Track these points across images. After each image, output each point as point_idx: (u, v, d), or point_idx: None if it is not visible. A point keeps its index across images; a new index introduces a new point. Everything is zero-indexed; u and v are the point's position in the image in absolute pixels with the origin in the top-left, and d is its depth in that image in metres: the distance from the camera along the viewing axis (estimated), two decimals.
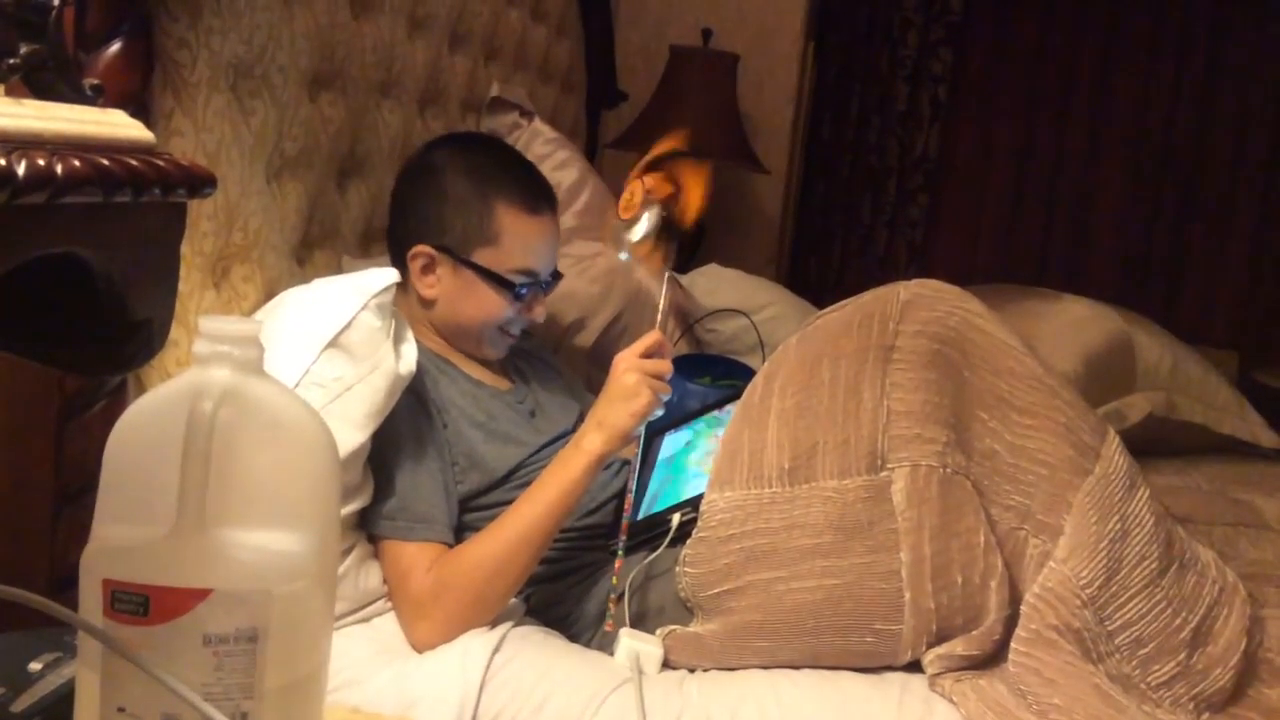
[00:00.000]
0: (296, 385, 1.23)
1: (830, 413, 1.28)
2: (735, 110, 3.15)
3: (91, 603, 0.68)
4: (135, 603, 0.67)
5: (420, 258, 1.47)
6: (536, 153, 2.13)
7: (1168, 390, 2.34)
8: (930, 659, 1.23)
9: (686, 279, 2.53)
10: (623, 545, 1.35)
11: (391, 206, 1.55)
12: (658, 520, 1.39)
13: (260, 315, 1.34)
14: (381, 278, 1.31)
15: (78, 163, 0.58)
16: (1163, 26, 3.57)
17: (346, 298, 1.29)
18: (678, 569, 1.32)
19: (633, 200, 1.32)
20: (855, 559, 1.23)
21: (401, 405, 1.31)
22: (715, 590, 1.28)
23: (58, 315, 0.69)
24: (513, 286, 1.47)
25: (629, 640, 1.27)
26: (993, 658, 1.24)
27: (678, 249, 1.35)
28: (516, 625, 1.31)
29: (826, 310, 1.40)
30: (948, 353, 1.28)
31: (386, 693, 1.20)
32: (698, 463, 1.50)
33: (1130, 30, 3.59)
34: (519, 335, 1.54)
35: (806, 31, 3.38)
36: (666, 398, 1.35)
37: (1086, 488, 1.23)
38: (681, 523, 1.36)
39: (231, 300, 1.39)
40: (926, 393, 1.25)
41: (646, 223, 1.33)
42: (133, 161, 0.63)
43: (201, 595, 0.67)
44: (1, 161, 0.54)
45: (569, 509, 1.31)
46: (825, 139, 3.78)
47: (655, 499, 1.47)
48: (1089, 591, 1.19)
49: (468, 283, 1.47)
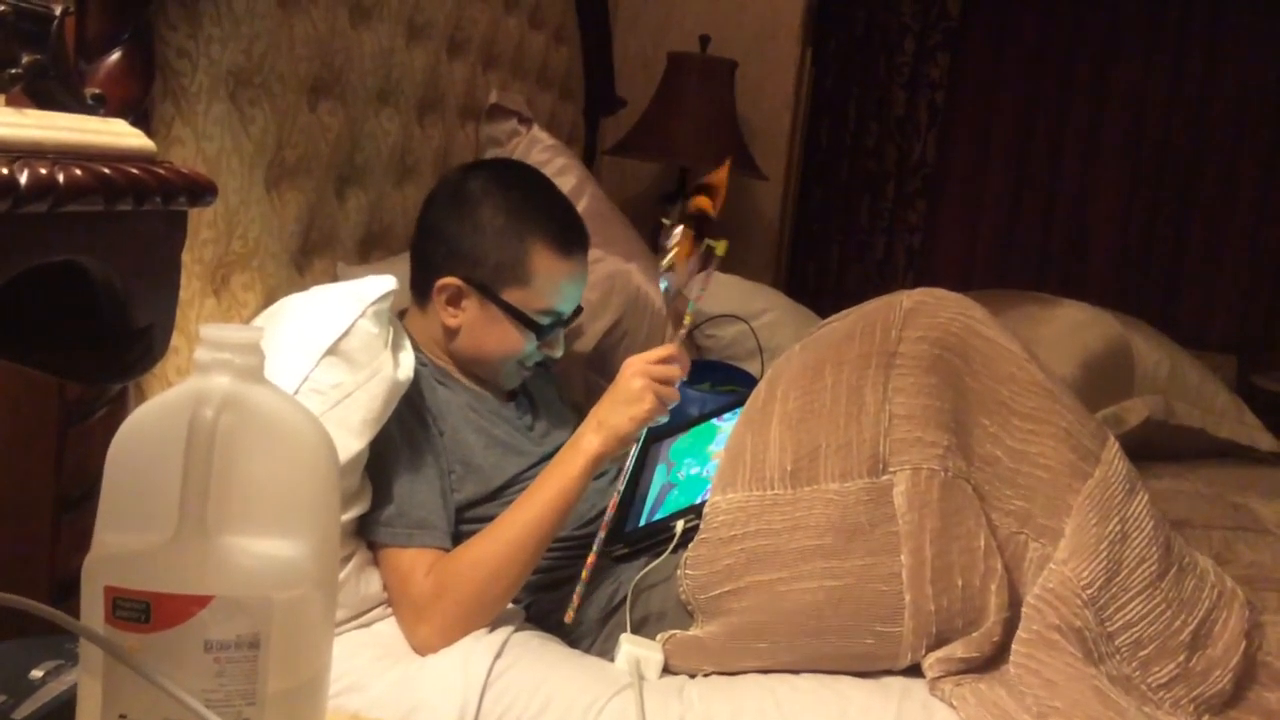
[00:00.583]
0: (295, 392, 1.23)
1: (833, 416, 1.28)
2: (733, 116, 3.16)
3: (93, 609, 0.68)
4: (137, 609, 0.67)
5: (448, 289, 1.46)
6: (535, 160, 2.13)
7: (1166, 394, 2.34)
8: (930, 662, 1.23)
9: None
10: (598, 545, 1.36)
11: (419, 228, 1.53)
12: (661, 527, 1.39)
13: (259, 322, 1.34)
14: (379, 285, 1.32)
15: (79, 172, 0.59)
16: (1160, 32, 3.58)
17: (345, 305, 1.30)
18: (679, 572, 1.32)
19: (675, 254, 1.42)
20: (856, 561, 1.23)
21: (398, 413, 1.31)
22: (716, 592, 1.28)
23: (59, 323, 0.69)
24: (539, 327, 1.47)
25: (629, 646, 1.28)
26: (992, 660, 1.24)
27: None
28: (517, 631, 1.31)
29: (830, 319, 1.41)
30: (949, 359, 1.28)
31: (387, 698, 1.21)
32: (699, 470, 1.50)
33: (1127, 36, 3.60)
34: (533, 369, 1.55)
35: (804, 37, 3.39)
36: (673, 405, 1.35)
37: (1086, 490, 1.24)
38: (685, 529, 1.36)
39: (231, 308, 1.39)
40: (928, 398, 1.26)
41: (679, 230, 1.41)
42: (134, 170, 0.63)
43: (203, 602, 0.67)
44: (4, 171, 0.55)
45: (567, 509, 1.32)
46: (823, 145, 3.79)
47: (657, 505, 1.47)
48: (1089, 592, 1.19)
49: (493, 318, 1.46)
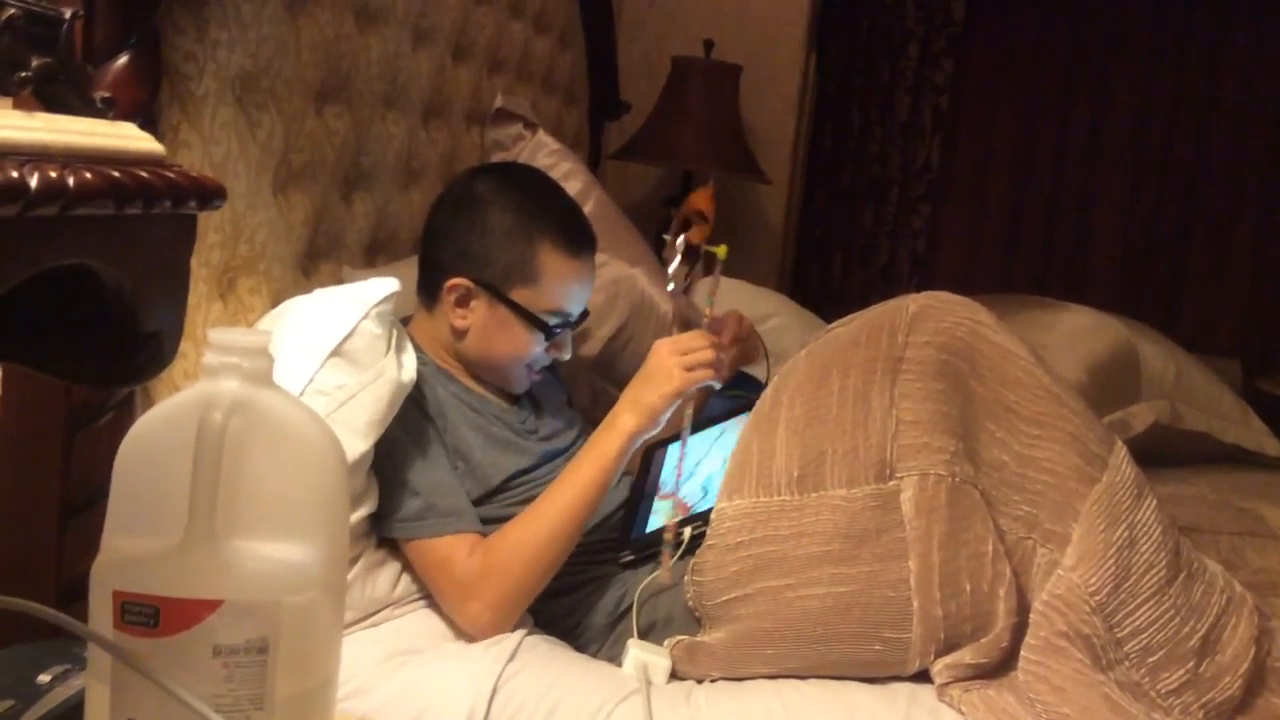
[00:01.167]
0: (300, 394, 1.24)
1: (839, 422, 1.28)
2: (737, 121, 3.16)
3: (101, 614, 0.68)
4: (145, 614, 0.67)
5: (457, 289, 1.46)
6: (540, 164, 2.13)
7: (1172, 399, 2.33)
8: (938, 668, 1.23)
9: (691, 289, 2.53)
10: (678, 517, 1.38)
11: (427, 231, 1.53)
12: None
13: (262, 325, 1.34)
14: (382, 287, 1.32)
15: (89, 175, 0.59)
16: (1163, 36, 3.58)
17: (348, 307, 1.30)
18: (686, 578, 1.32)
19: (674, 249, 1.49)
20: (864, 567, 1.23)
21: (402, 412, 1.32)
22: (723, 598, 1.28)
23: (68, 327, 0.69)
24: (547, 327, 1.47)
25: (637, 651, 1.27)
26: (1001, 666, 1.24)
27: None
28: (527, 635, 1.31)
29: (836, 324, 1.40)
30: (956, 363, 1.28)
31: (394, 702, 1.20)
32: (707, 476, 1.50)
33: (1131, 40, 3.60)
34: (540, 372, 1.55)
35: (808, 42, 3.39)
36: (706, 383, 1.37)
37: (1094, 496, 1.23)
38: (692, 536, 1.36)
39: (238, 312, 1.39)
40: (935, 403, 1.25)
41: (679, 257, 1.48)
42: (143, 174, 0.63)
43: (212, 606, 0.67)
44: (14, 174, 0.55)
45: (604, 488, 1.33)
46: (827, 149, 3.79)
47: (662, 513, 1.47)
48: (1098, 598, 1.19)
49: (502, 319, 1.46)
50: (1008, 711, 1.18)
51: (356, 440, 1.24)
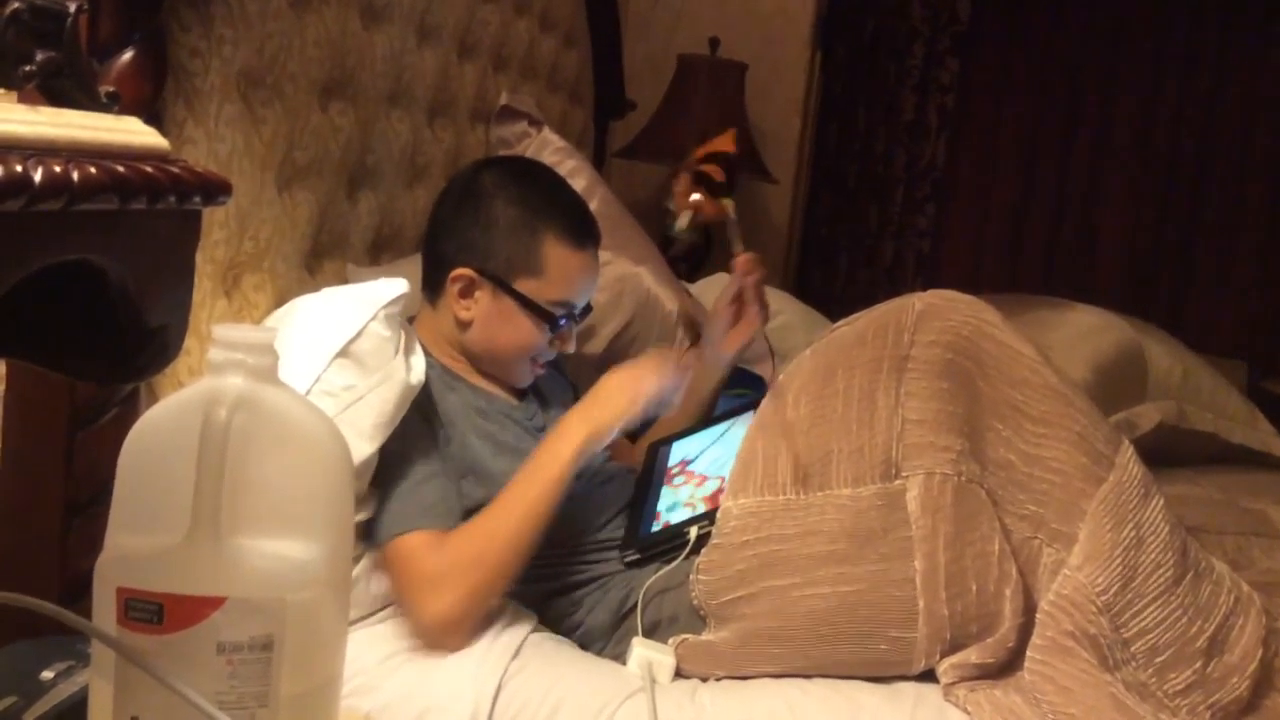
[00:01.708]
0: (307, 393, 1.23)
1: (844, 421, 1.28)
2: (743, 119, 3.15)
3: (105, 611, 0.68)
4: (149, 611, 0.67)
5: (461, 280, 1.45)
6: (545, 161, 2.12)
7: (1179, 399, 2.32)
8: (944, 668, 1.22)
9: (695, 288, 2.53)
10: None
11: (431, 224, 1.53)
12: (674, 533, 1.39)
13: (269, 323, 1.34)
14: (391, 289, 1.31)
15: (94, 170, 0.58)
16: (1170, 35, 3.57)
17: (356, 307, 1.29)
18: (691, 577, 1.31)
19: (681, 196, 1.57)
20: (869, 566, 1.23)
21: (405, 418, 1.30)
22: (729, 597, 1.28)
23: (72, 323, 0.69)
24: (552, 318, 1.47)
25: (641, 649, 1.27)
26: (1007, 666, 1.23)
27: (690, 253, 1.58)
28: (531, 633, 1.30)
29: (841, 322, 1.40)
30: (962, 362, 1.27)
31: (398, 700, 1.20)
32: (712, 475, 1.49)
33: (1137, 39, 3.59)
34: (544, 366, 1.54)
35: (814, 40, 3.39)
36: (655, 406, 1.38)
37: (1101, 495, 1.23)
38: (699, 535, 1.36)
39: (243, 309, 1.39)
40: (940, 401, 1.25)
41: (686, 219, 1.59)
42: (148, 169, 0.63)
43: (216, 603, 0.67)
44: (18, 168, 0.54)
45: (562, 491, 1.31)
46: (832, 149, 3.78)
47: (671, 509, 1.46)
48: (1104, 598, 1.18)
49: (506, 310, 1.46)
50: (1014, 711, 1.18)
51: (363, 443, 1.24)
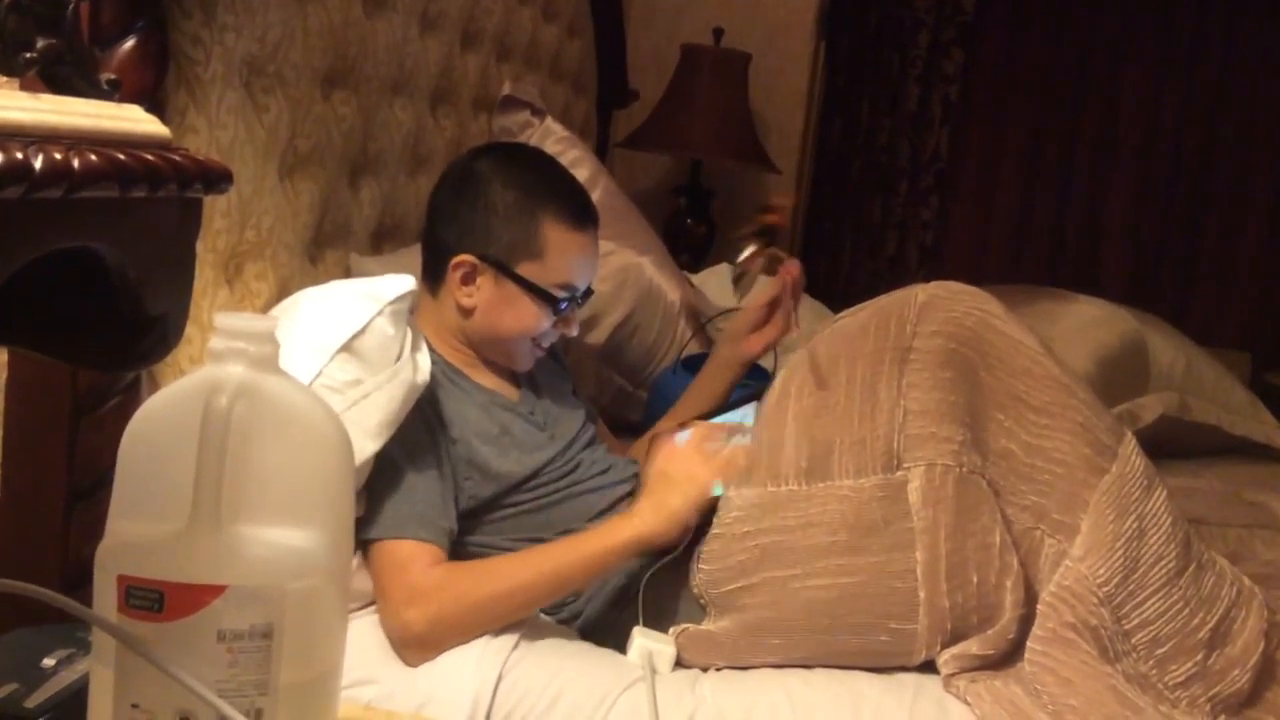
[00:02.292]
0: (309, 386, 1.23)
1: (847, 413, 1.28)
2: (746, 110, 3.15)
3: (106, 599, 0.68)
4: (150, 599, 0.66)
5: (463, 266, 1.45)
6: (547, 151, 2.12)
7: (1182, 391, 2.32)
8: (945, 659, 1.22)
9: (698, 278, 2.53)
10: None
11: (430, 213, 1.53)
12: None
13: (274, 313, 1.34)
14: (397, 285, 1.31)
15: (94, 157, 0.58)
16: (1175, 26, 3.55)
17: (362, 303, 1.29)
18: (692, 566, 1.31)
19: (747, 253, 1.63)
20: (871, 558, 1.23)
21: (404, 421, 1.30)
22: (729, 587, 1.28)
23: (73, 311, 0.68)
24: (554, 300, 1.47)
25: (642, 639, 1.27)
26: (1008, 657, 1.23)
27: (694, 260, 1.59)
28: (532, 623, 1.30)
29: (845, 313, 1.40)
30: (964, 353, 1.27)
31: (399, 690, 1.20)
32: None
33: (1142, 30, 3.58)
34: (547, 350, 1.54)
35: (818, 31, 3.38)
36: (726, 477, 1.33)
37: (1103, 486, 1.23)
38: (699, 525, 1.36)
39: (244, 298, 1.39)
40: (942, 392, 1.25)
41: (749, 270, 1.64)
42: (149, 156, 0.62)
43: (216, 591, 0.67)
44: (19, 155, 0.54)
45: (595, 573, 1.31)
46: (835, 140, 3.77)
47: None
48: (1106, 590, 1.18)
49: (509, 295, 1.45)
50: (1014, 703, 1.18)
51: (368, 441, 1.23)
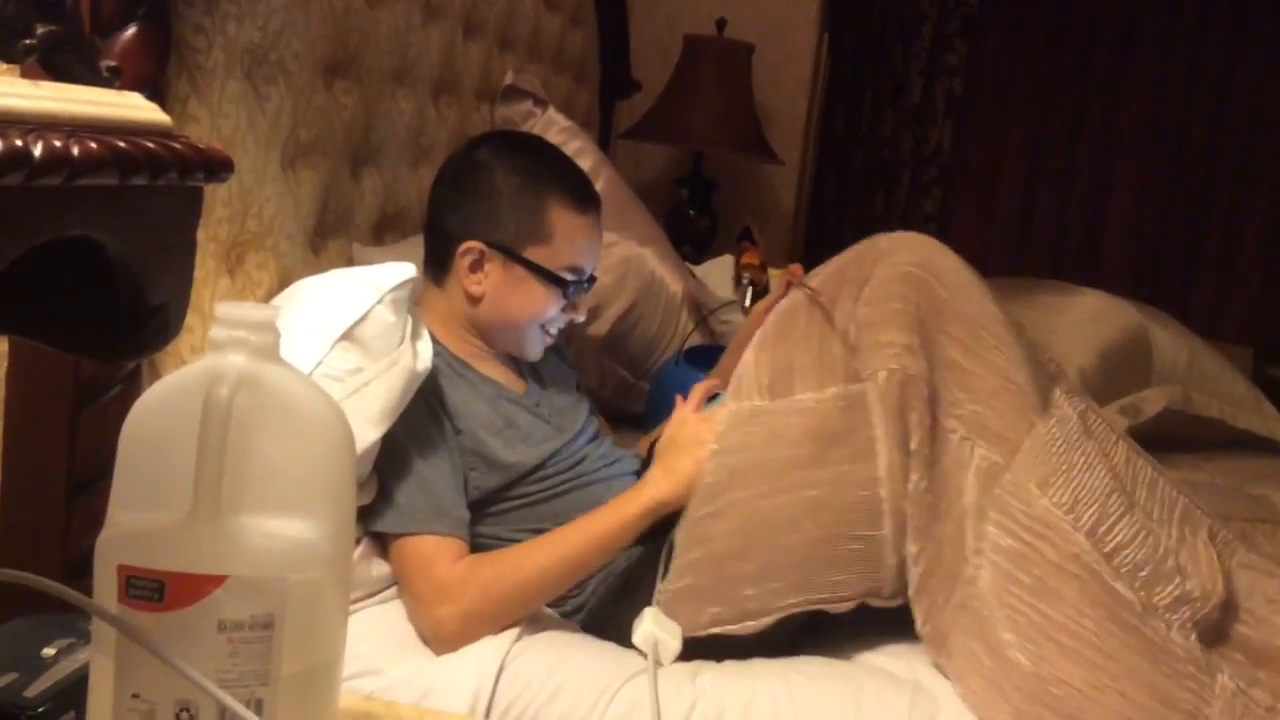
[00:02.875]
0: (309, 375, 1.22)
1: (806, 337, 1.33)
2: (749, 101, 3.14)
3: (106, 588, 0.68)
4: (150, 589, 0.66)
5: (470, 253, 1.45)
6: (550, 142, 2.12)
7: (1184, 384, 2.32)
8: (921, 621, 1.23)
9: (700, 270, 2.52)
10: None
11: (432, 203, 1.53)
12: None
13: (275, 302, 1.33)
14: (398, 273, 1.31)
15: (94, 145, 0.58)
16: (1179, 18, 3.54)
17: (362, 291, 1.29)
18: None
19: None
20: (834, 468, 1.24)
21: (411, 409, 1.30)
22: (698, 514, 1.27)
23: (73, 300, 0.68)
24: (563, 284, 1.47)
25: (651, 623, 1.25)
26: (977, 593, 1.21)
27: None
28: (532, 616, 1.30)
29: (812, 273, 1.44)
30: (920, 275, 1.31)
31: (401, 682, 1.20)
32: None
33: (1146, 23, 3.57)
34: (555, 336, 1.54)
35: (821, 21, 3.37)
36: None
37: (1050, 422, 1.24)
38: None
39: (246, 287, 1.38)
40: (891, 302, 1.28)
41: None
42: (150, 144, 0.62)
43: (217, 582, 0.66)
44: (18, 142, 0.54)
45: (614, 547, 1.31)
46: (838, 132, 3.76)
47: None
48: (1072, 516, 1.18)
49: (518, 280, 1.45)
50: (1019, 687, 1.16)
51: (369, 428, 1.23)
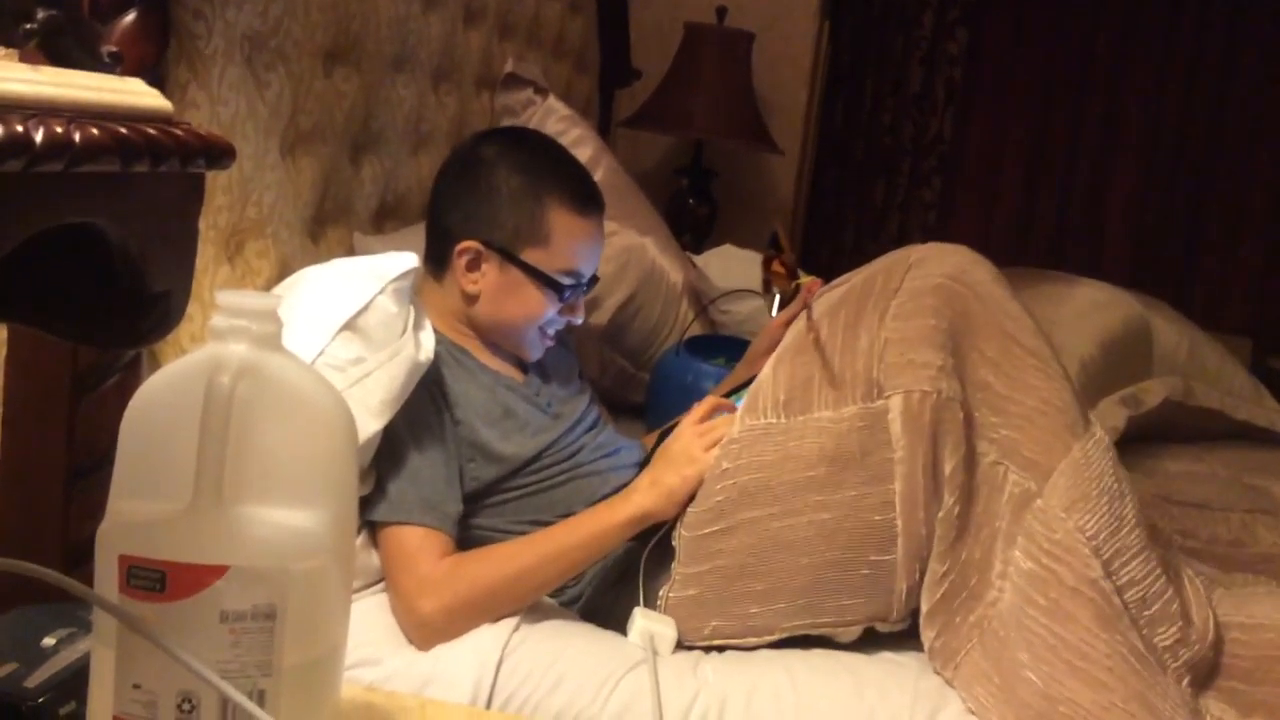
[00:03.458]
0: (311, 365, 1.22)
1: (828, 350, 1.26)
2: (750, 90, 3.13)
3: (107, 578, 0.67)
4: (152, 579, 0.66)
5: (467, 253, 1.44)
6: (550, 130, 2.11)
7: (1185, 375, 2.32)
8: (928, 638, 1.22)
9: (701, 259, 2.52)
10: None
11: (434, 198, 1.51)
12: None
13: (277, 291, 1.33)
14: (400, 262, 1.30)
15: (95, 131, 0.57)
16: (1180, 9, 3.53)
17: (364, 280, 1.28)
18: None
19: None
20: (848, 492, 1.21)
21: (409, 401, 1.29)
22: (706, 530, 1.26)
23: (74, 288, 0.68)
24: (559, 287, 1.45)
25: (643, 620, 1.26)
26: (994, 614, 1.20)
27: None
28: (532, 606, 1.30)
29: (836, 281, 1.40)
30: (954, 286, 1.25)
31: (402, 672, 1.20)
32: None
33: (1147, 13, 3.56)
34: (554, 337, 1.53)
35: (822, 11, 3.35)
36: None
37: (1086, 444, 1.20)
38: None
39: (245, 275, 1.38)
40: (923, 318, 1.23)
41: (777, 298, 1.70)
42: (151, 130, 0.61)
43: (219, 572, 0.66)
44: (18, 128, 0.53)
45: (597, 552, 1.30)
46: (839, 121, 3.75)
47: None
48: (1094, 543, 1.16)
49: (514, 281, 1.44)
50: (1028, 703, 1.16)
51: (370, 419, 1.23)
